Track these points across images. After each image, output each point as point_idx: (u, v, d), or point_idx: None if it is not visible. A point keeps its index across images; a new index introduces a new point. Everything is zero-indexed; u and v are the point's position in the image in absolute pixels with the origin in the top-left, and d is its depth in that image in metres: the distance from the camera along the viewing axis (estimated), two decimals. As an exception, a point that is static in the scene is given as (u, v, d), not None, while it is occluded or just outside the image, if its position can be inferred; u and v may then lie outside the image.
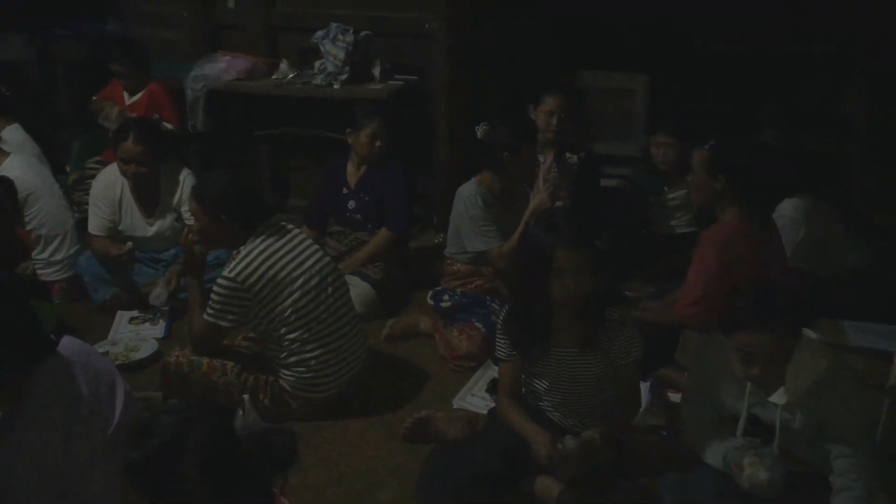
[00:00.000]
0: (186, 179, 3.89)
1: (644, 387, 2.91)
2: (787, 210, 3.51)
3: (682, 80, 4.89)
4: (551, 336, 2.52)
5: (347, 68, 4.45)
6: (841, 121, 4.79)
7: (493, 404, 3.08)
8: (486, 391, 3.22)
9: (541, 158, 4.16)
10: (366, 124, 3.95)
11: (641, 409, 2.95)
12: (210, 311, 2.92)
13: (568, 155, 4.21)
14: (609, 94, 5.02)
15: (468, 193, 3.61)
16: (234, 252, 2.96)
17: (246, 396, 2.86)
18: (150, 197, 3.88)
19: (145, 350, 3.48)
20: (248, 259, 2.90)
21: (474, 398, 3.20)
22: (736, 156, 3.07)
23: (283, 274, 2.91)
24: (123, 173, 3.79)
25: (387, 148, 3.99)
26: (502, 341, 2.61)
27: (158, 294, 3.66)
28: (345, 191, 4.08)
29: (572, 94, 4.20)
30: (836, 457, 2.22)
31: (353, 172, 4.07)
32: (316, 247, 3.07)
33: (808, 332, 2.30)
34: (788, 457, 2.29)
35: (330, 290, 3.01)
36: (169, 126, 4.55)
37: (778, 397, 2.27)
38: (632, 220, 4.26)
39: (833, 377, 2.23)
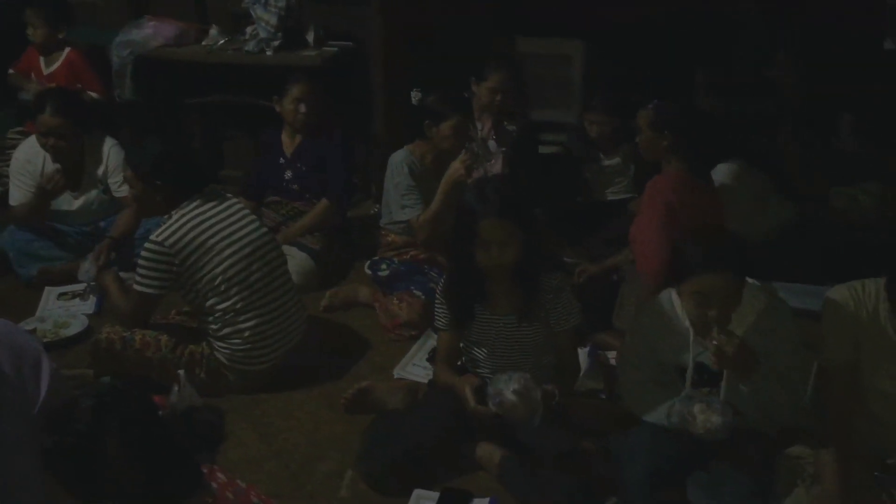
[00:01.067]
0: (112, 150, 3.78)
1: (582, 352, 2.93)
2: (720, 175, 3.56)
3: (618, 47, 4.91)
4: (488, 303, 2.54)
5: (280, 34, 4.35)
6: (771, 86, 4.87)
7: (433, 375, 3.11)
8: (427, 360, 3.20)
9: (479, 126, 4.15)
10: (288, 90, 3.86)
11: (581, 375, 3.00)
12: (137, 278, 2.87)
13: (506, 123, 4.20)
14: (546, 60, 5.01)
15: (396, 161, 3.58)
16: (166, 217, 2.89)
17: (181, 372, 2.86)
18: (74, 170, 3.75)
19: (75, 327, 3.39)
20: (178, 224, 2.84)
21: (415, 367, 3.19)
22: (678, 112, 3.18)
23: (213, 241, 2.86)
24: (43, 146, 3.66)
25: (314, 114, 3.90)
26: (440, 310, 2.62)
27: (87, 269, 3.55)
28: (281, 160, 4.00)
29: (515, 69, 4.17)
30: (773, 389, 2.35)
31: (288, 142, 4.00)
32: (251, 216, 3.02)
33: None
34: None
35: (265, 260, 2.96)
36: (94, 96, 4.39)
37: None
38: (568, 187, 4.28)
39: (772, 312, 2.36)
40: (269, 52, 4.34)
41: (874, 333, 2.19)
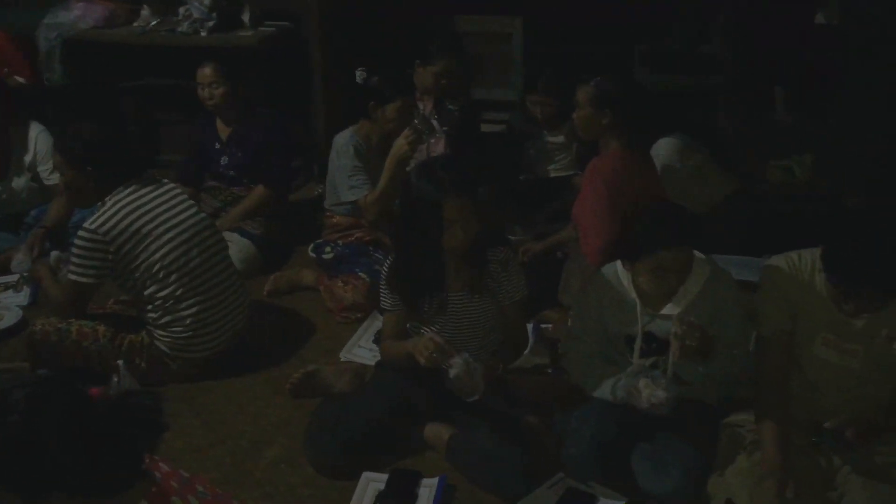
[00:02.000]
0: (39, 137, 3.67)
1: (528, 328, 2.94)
2: (661, 150, 3.59)
3: (557, 23, 4.92)
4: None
5: (215, 14, 4.26)
6: (708, 61, 4.94)
7: (380, 355, 3.09)
8: (374, 342, 3.19)
9: (420, 106, 4.13)
10: (198, 73, 3.78)
11: (526, 351, 3.01)
12: (71, 267, 2.79)
13: (448, 103, 4.18)
14: (486, 38, 5.00)
15: (341, 143, 3.54)
16: (100, 204, 2.81)
17: (120, 362, 2.80)
18: (0, 157, 3.63)
19: (8, 319, 3.29)
20: (112, 210, 2.77)
21: (361, 350, 3.17)
22: (620, 89, 3.15)
23: (149, 227, 2.79)
24: (-35, 134, 3.54)
25: (231, 97, 3.81)
26: (386, 293, 2.59)
27: (21, 260, 3.44)
28: (217, 146, 3.93)
29: (460, 53, 4.15)
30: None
31: (223, 127, 3.91)
32: (189, 202, 2.95)
33: None
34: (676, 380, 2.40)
35: (204, 245, 2.90)
36: (21, 80, 4.24)
37: (670, 309, 2.40)
38: (512, 165, 4.29)
39: (716, 280, 2.42)
40: (203, 33, 4.25)
41: (810, 302, 2.23)
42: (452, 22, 4.98)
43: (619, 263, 2.50)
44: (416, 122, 3.40)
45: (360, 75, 3.51)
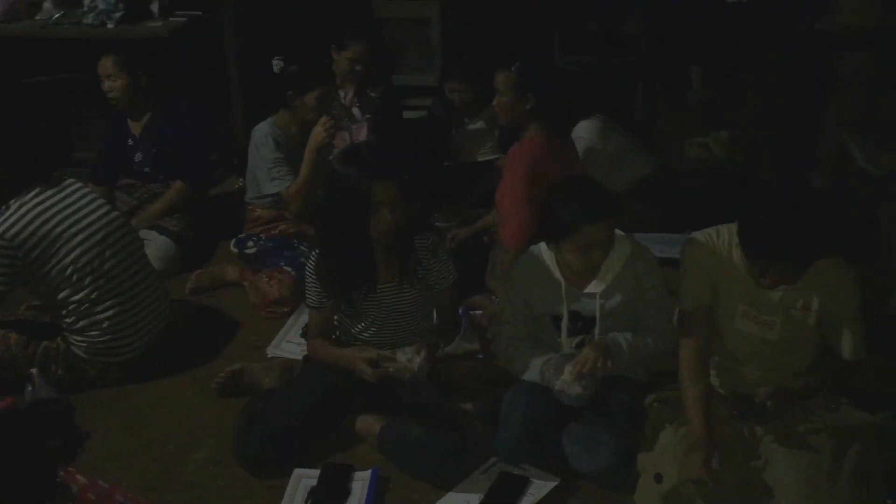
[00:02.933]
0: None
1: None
2: (582, 132, 3.61)
3: (475, 7, 4.90)
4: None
5: (122, 5, 4.11)
6: (626, 42, 4.99)
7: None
8: (302, 336, 3.13)
9: (341, 93, 4.08)
10: (98, 65, 3.66)
11: (456, 337, 3.01)
12: None
13: (369, 90, 4.13)
14: (404, 23, 4.95)
15: (260, 134, 3.47)
16: (4, 208, 2.68)
17: (34, 370, 2.69)
18: None
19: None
20: (18, 214, 2.65)
21: (289, 345, 3.11)
22: (542, 73, 3.15)
23: (59, 230, 2.68)
24: None
25: (131, 89, 3.69)
26: (313, 288, 2.53)
27: None
28: (130, 142, 3.81)
29: (374, 38, 4.10)
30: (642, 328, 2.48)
31: (134, 122, 3.79)
32: (100, 201, 2.85)
33: None
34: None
35: (119, 245, 2.81)
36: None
37: (594, 287, 2.44)
38: (434, 150, 4.27)
39: (637, 257, 2.46)
40: (110, 25, 4.10)
41: (729, 276, 2.27)
42: (371, 7, 4.91)
43: (542, 244, 2.51)
44: (333, 110, 3.35)
45: (276, 64, 3.44)
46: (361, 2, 4.84)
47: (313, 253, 2.55)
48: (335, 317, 2.63)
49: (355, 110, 4.11)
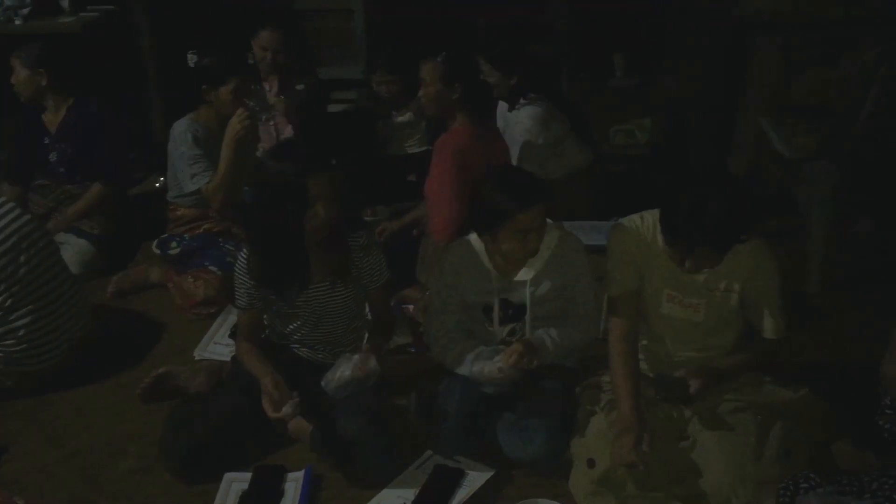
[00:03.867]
0: None
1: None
2: (524, 117, 3.59)
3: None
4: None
5: (30, 0, 3.94)
6: (548, 29, 5.02)
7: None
8: (230, 337, 3.07)
9: (266, 87, 4.01)
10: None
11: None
12: None
13: (295, 83, 4.07)
14: (327, 15, 4.90)
15: (179, 130, 3.38)
16: None
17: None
18: None
19: None
20: None
21: (217, 346, 3.05)
22: (467, 63, 3.14)
23: (-35, 238, 2.57)
24: None
25: (37, 88, 3.56)
26: (242, 288, 2.47)
27: None
28: (45, 140, 3.66)
29: (286, 24, 4.02)
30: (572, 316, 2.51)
31: (50, 119, 3.65)
32: (9, 206, 2.74)
33: None
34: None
35: (33, 250, 2.71)
36: None
37: (523, 275, 2.44)
38: (363, 143, 4.23)
39: (565, 244, 2.47)
40: (17, 21, 3.94)
41: (654, 261, 2.31)
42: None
43: (472, 234, 2.51)
44: (249, 102, 3.27)
45: (191, 58, 3.35)
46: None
47: (242, 252, 2.48)
48: (265, 316, 2.58)
49: (282, 99, 4.04)
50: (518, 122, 3.55)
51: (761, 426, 2.19)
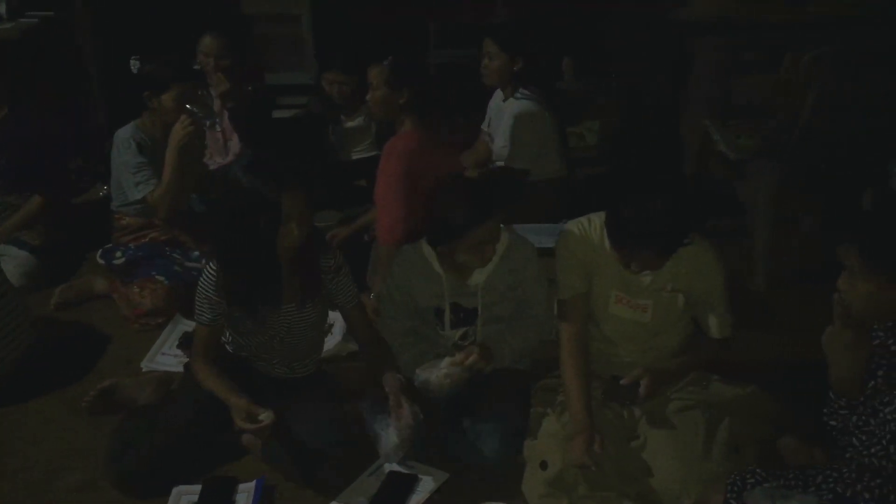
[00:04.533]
0: None
1: (337, 315, 2.88)
2: (518, 109, 3.57)
3: (345, 2, 4.85)
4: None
5: (-34, 7, 3.85)
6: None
7: (186, 360, 2.93)
8: (178, 347, 3.03)
9: (212, 92, 3.96)
10: None
11: (339, 339, 2.97)
12: None
13: (242, 88, 4.03)
14: (275, 20, 4.86)
15: (122, 138, 3.32)
16: None
17: None
18: None
19: None
20: None
21: (165, 357, 3.00)
22: (415, 68, 3.15)
23: None
24: None
25: None
26: (205, 304, 2.37)
27: None
28: (-18, 151, 3.56)
29: (229, 30, 3.98)
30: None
31: (-12, 130, 3.55)
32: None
33: None
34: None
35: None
36: None
37: (475, 279, 2.45)
38: (314, 149, 4.20)
39: (515, 247, 2.48)
40: (-48, 28, 3.83)
41: (601, 263, 2.33)
42: (238, 4, 4.79)
43: (422, 240, 2.50)
44: (191, 106, 3.22)
45: (134, 64, 3.29)
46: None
47: (209, 266, 2.37)
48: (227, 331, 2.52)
49: (195, 107, 3.99)
50: (510, 114, 3.56)
51: (709, 424, 2.23)
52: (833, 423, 2.02)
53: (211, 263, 2.37)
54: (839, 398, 1.99)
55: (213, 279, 2.34)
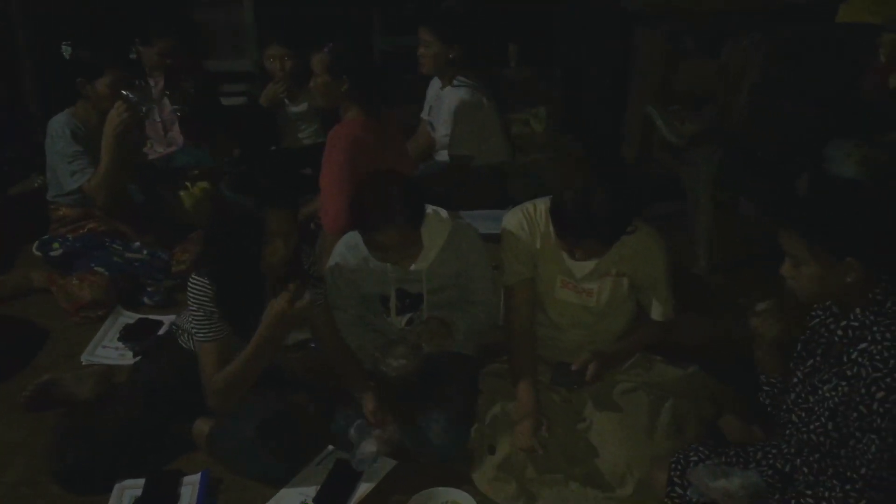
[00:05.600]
0: None
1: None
2: (457, 97, 3.55)
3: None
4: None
5: None
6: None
7: (128, 353, 2.88)
8: (119, 340, 2.97)
9: (151, 83, 3.88)
10: None
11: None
12: None
13: (183, 81, 3.95)
14: (215, 6, 4.77)
15: (57, 126, 3.23)
16: None
17: None
18: None
19: None
20: None
21: (106, 350, 2.93)
22: (355, 56, 3.11)
23: None
24: None
25: None
26: (205, 321, 2.26)
27: None
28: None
29: (184, 29, 3.91)
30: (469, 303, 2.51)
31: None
32: None
33: (429, 207, 2.43)
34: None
35: None
36: None
37: (419, 265, 2.43)
38: (260, 137, 4.15)
39: (458, 233, 2.46)
40: None
41: (547, 249, 2.34)
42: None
43: None
44: (127, 93, 3.14)
45: (66, 50, 3.19)
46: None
47: (202, 280, 2.25)
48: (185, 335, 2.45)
49: (165, 100, 3.92)
50: (449, 102, 3.54)
51: (653, 405, 2.27)
52: (767, 401, 2.07)
53: (202, 278, 2.25)
54: (767, 379, 2.05)
55: (210, 292, 2.24)
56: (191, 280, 2.26)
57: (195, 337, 2.30)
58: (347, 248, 2.51)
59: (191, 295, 2.26)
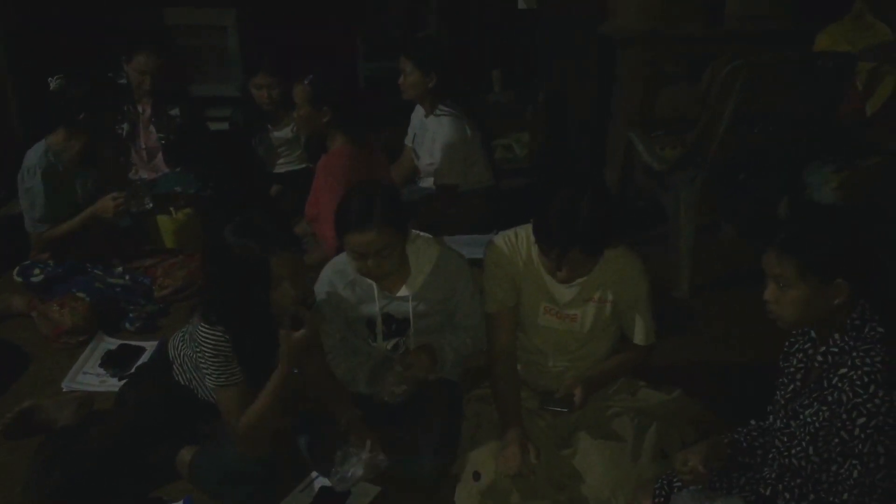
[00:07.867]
0: None
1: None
2: (445, 126, 3.58)
3: (273, 13, 4.81)
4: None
5: None
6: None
7: (109, 380, 2.86)
8: (100, 367, 2.94)
9: (140, 109, 3.89)
10: None
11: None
12: None
13: (168, 108, 3.95)
14: (200, 31, 4.78)
15: (29, 163, 3.25)
16: None
17: None
18: None
19: None
20: None
21: (87, 376, 2.91)
22: (336, 86, 3.13)
23: None
24: None
25: None
26: (224, 367, 2.21)
27: None
28: None
29: (162, 46, 3.92)
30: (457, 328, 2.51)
31: None
32: None
33: (415, 232, 2.44)
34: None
35: None
36: None
37: (405, 290, 2.43)
38: (242, 162, 4.15)
39: (446, 259, 2.46)
40: None
41: (529, 275, 2.35)
42: (162, 16, 4.70)
43: None
44: (133, 185, 3.30)
45: (53, 83, 3.18)
46: (152, 10, 4.62)
47: (211, 330, 2.19)
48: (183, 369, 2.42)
49: (151, 128, 3.94)
50: (437, 131, 3.56)
51: (638, 429, 2.27)
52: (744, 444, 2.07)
53: (215, 329, 2.20)
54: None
55: (226, 341, 2.20)
56: (202, 330, 2.20)
57: (214, 382, 2.24)
58: (335, 273, 2.50)
59: (206, 346, 2.20)
